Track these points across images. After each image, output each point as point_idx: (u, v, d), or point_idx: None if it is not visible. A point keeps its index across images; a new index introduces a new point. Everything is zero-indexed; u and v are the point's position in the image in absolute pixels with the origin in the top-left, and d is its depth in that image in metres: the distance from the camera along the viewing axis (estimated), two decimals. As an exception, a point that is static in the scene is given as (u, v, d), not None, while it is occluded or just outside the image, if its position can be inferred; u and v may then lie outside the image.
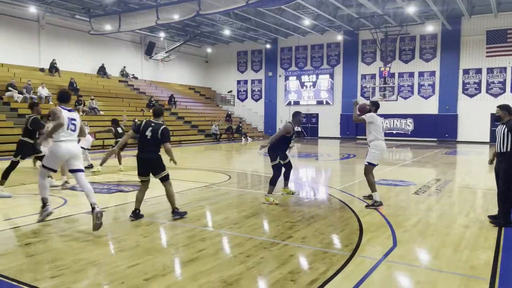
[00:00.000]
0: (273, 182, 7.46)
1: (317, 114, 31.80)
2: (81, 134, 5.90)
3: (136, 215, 6.12)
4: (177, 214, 6.19)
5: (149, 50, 30.03)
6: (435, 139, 26.94)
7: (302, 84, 32.23)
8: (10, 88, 19.49)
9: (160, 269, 4.12)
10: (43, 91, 20.49)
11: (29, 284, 3.76)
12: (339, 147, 23.05)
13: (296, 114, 7.78)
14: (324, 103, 31.44)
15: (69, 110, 5.73)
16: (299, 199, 8.12)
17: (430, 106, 27.57)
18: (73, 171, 5.71)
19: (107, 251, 4.84)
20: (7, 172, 7.72)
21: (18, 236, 5.35)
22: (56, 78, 23.73)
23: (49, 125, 8.55)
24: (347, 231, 5.59)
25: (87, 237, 5.23)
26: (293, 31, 29.12)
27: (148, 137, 5.95)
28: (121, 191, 8.53)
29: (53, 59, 24.04)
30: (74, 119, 5.68)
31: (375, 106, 7.32)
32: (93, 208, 5.33)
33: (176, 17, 20.18)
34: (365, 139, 7.50)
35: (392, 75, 28.07)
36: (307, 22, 25.90)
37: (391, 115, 28.35)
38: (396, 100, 27.72)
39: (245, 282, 3.83)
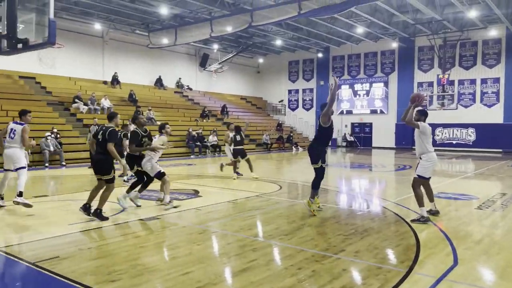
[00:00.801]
0: (315, 185, 7.18)
1: (371, 123, 30.98)
2: (23, 143, 7.41)
3: (86, 209, 6.65)
4: (97, 216, 6.53)
5: (203, 61, 30.93)
6: (500, 150, 25.21)
7: (355, 93, 31.61)
8: (76, 100, 20.89)
9: (212, 278, 4.19)
10: (106, 103, 21.76)
11: (91, 286, 3.98)
12: (394, 158, 22.25)
13: (323, 106, 7.14)
14: (378, 112, 30.58)
15: (16, 123, 7.56)
16: (352, 211, 7.92)
17: (494, 115, 25.88)
18: (16, 169, 7.41)
19: (162, 257, 5.01)
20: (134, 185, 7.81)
21: (81, 240, 5.68)
22: (117, 90, 25.11)
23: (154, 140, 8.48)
24: (403, 246, 5.36)
25: (144, 243, 5.45)
26: (345, 39, 28.73)
27: (100, 140, 6.57)
28: (175, 199, 8.77)
29: (115, 72, 25.51)
30: (15, 130, 7.47)
31: (424, 115, 6.91)
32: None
33: (229, 29, 20.65)
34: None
35: (451, 83, 26.75)
36: (360, 30, 25.46)
37: (451, 125, 26.96)
38: (456, 108, 26.32)
39: (296, 295, 3.79)
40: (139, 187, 7.78)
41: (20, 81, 21.05)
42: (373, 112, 30.79)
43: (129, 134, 8.72)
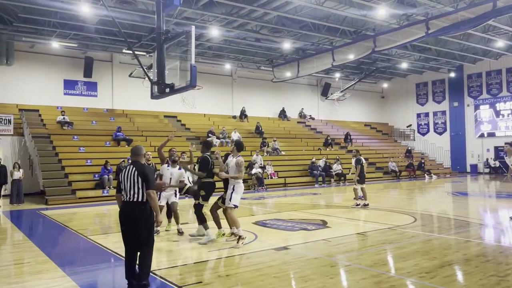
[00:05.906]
0: None
1: (520, 147, 27.03)
2: None
3: None
4: None
5: (325, 91, 31.13)
6: None
7: (498, 113, 28.13)
8: (209, 134, 22.82)
9: (348, 314, 4.05)
10: (235, 135, 23.30)
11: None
12: (554, 186, 18.91)
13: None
14: (529, 133, 26.62)
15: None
16: (503, 248, 6.93)
17: None
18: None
19: (296, 289, 5.03)
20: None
21: (219, 267, 6.05)
22: (245, 124, 26.74)
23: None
24: None
25: (277, 273, 5.55)
26: (482, 55, 26.03)
27: None
28: (304, 229, 8.82)
29: (243, 107, 27.33)
30: None
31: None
32: None
33: (351, 57, 20.50)
34: None
35: None
36: (500, 43, 22.86)
37: None
38: None
39: None
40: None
41: (165, 120, 23.93)
42: (522, 133, 26.91)
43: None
